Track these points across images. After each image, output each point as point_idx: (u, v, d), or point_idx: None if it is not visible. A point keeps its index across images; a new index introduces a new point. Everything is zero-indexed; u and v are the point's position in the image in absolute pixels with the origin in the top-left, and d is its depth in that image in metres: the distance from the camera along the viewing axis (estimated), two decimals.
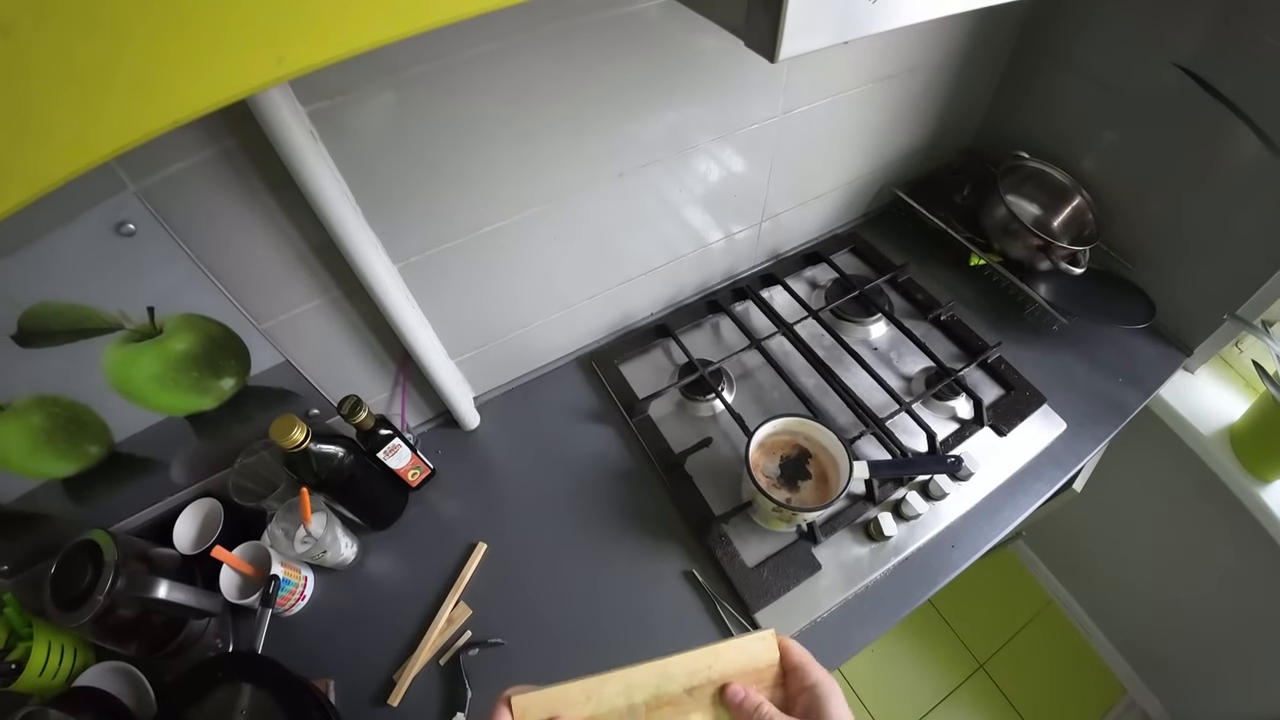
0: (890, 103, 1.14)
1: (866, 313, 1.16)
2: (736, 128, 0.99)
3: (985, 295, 1.22)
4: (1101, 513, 1.55)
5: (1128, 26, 1.05)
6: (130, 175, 0.64)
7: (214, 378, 0.84)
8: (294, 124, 0.64)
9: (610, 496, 1.01)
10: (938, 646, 1.84)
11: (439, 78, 0.70)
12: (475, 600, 0.93)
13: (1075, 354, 1.15)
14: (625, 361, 1.16)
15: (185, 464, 0.93)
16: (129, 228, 0.67)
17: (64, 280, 0.68)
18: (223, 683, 0.82)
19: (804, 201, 1.22)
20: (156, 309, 0.75)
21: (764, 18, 0.40)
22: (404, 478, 0.99)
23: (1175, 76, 0.97)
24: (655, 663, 0.51)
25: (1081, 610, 1.80)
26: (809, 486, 0.91)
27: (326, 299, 0.84)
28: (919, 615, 1.59)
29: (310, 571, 0.96)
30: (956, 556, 0.95)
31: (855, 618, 0.90)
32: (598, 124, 0.86)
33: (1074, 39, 1.13)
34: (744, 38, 0.43)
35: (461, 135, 0.77)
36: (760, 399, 1.09)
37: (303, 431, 0.80)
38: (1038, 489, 1.01)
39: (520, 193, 0.88)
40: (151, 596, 0.81)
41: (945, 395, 1.05)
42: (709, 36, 0.84)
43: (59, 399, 0.77)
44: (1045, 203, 1.23)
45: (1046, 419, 1.06)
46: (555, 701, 0.50)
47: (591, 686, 0.50)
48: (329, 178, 0.69)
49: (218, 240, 0.73)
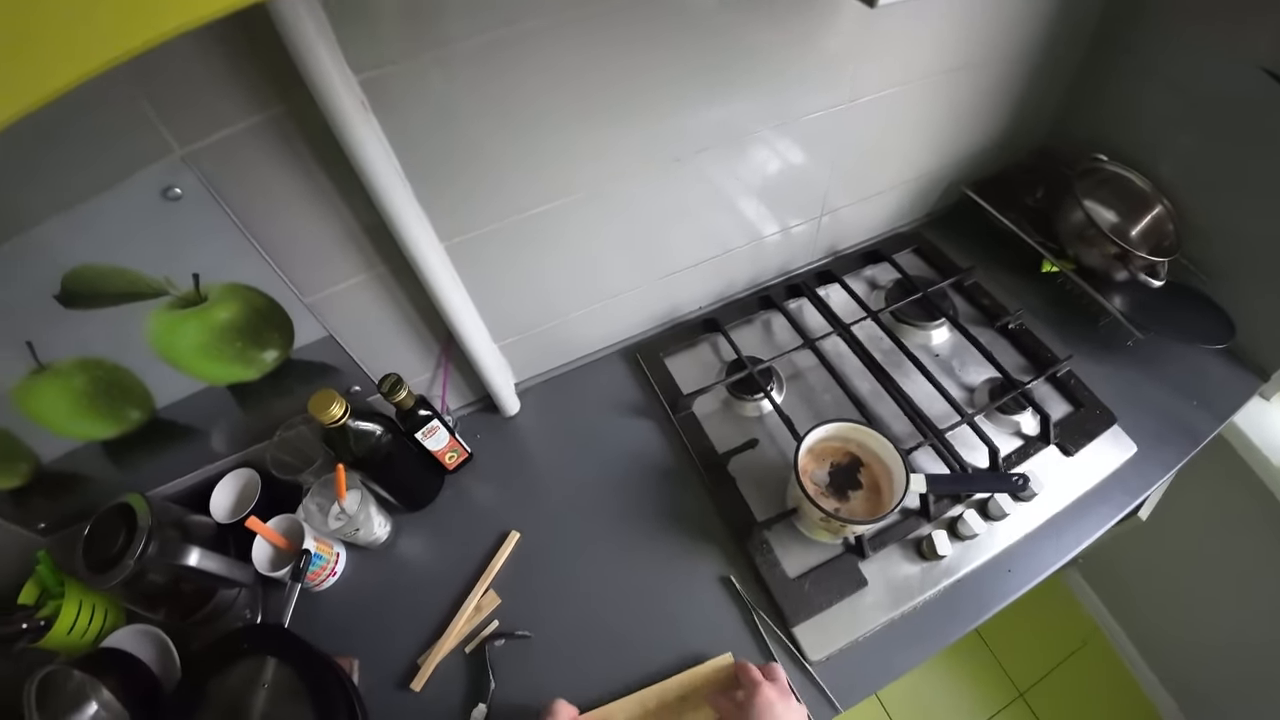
0: (960, 95, 1.08)
1: (929, 317, 1.10)
2: (797, 116, 0.94)
3: (1056, 304, 1.15)
4: (1162, 542, 1.46)
5: (1209, 27, 0.97)
6: (178, 139, 0.62)
7: (257, 349, 0.83)
8: (344, 91, 0.62)
9: (649, 493, 0.98)
10: (977, 671, 1.78)
11: (493, 51, 0.68)
12: (505, 590, 0.91)
13: (1148, 372, 1.07)
14: (670, 355, 1.12)
15: (225, 434, 0.93)
16: (176, 192, 0.66)
17: (110, 243, 0.67)
18: (248, 654, 0.82)
19: (866, 197, 1.16)
20: (202, 277, 0.74)
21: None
22: (441, 460, 0.97)
23: (1259, 81, 0.89)
24: (658, 685, 0.82)
25: (1129, 643, 1.71)
26: (859, 497, 0.86)
27: (372, 275, 0.83)
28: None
29: (342, 548, 0.95)
30: (1012, 582, 0.89)
31: (899, 640, 0.85)
32: (653, 109, 0.82)
33: (1153, 38, 1.05)
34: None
35: (514, 113, 0.74)
36: (811, 401, 1.04)
37: (341, 407, 0.79)
38: (1103, 515, 0.95)
39: (571, 175, 0.85)
40: (182, 564, 0.81)
41: (1010, 409, 0.99)
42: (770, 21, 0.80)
43: (102, 362, 0.77)
44: (1123, 210, 1.15)
45: (1116, 440, 0.99)
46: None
47: (619, 706, 0.81)
48: (379, 149, 0.67)
49: (265, 209, 0.71)
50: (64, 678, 0.81)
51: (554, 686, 0.81)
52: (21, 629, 0.84)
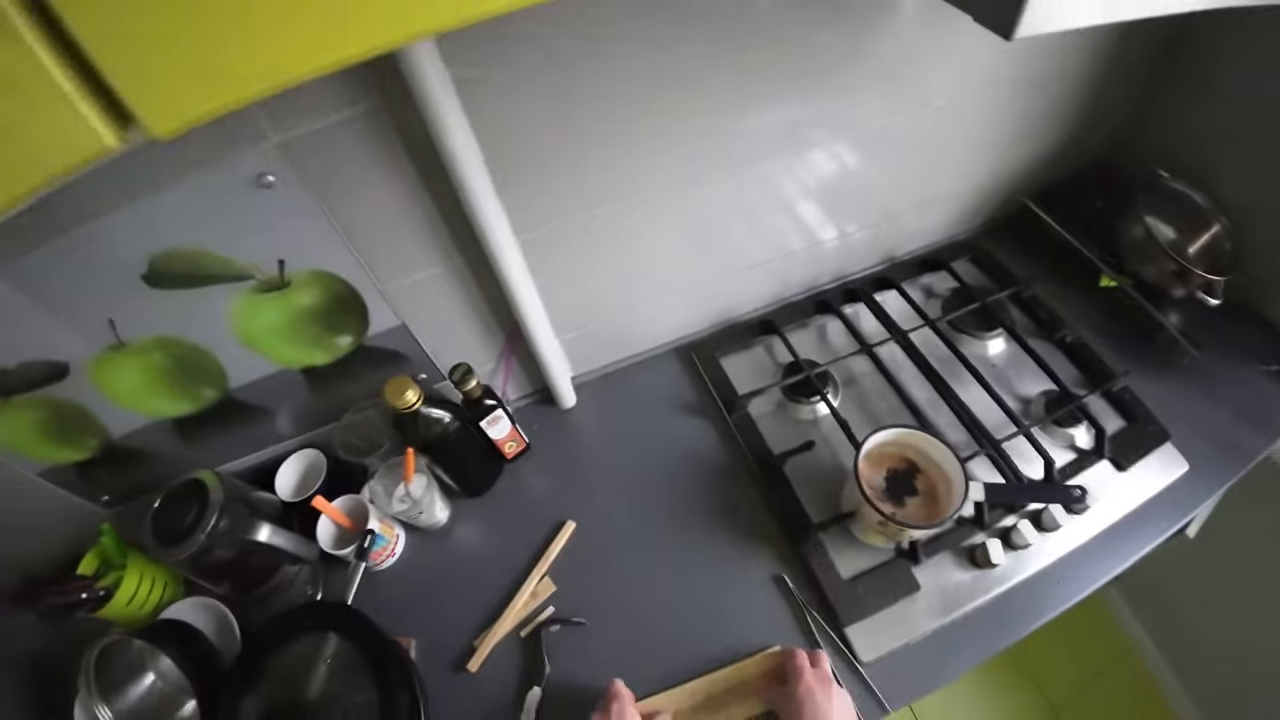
0: (1027, 105, 1.07)
1: (986, 327, 1.10)
2: (865, 122, 0.94)
3: (1112, 319, 1.14)
4: (1205, 563, 1.45)
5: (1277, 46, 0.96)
6: (275, 128, 0.64)
7: (333, 334, 0.85)
8: (439, 87, 0.63)
9: (702, 490, 0.99)
10: (1010, 683, 1.77)
11: (571, 53, 0.69)
12: (559, 578, 0.93)
13: (1202, 390, 1.07)
14: (726, 355, 1.13)
15: (294, 415, 0.95)
16: (269, 180, 0.67)
17: (200, 227, 0.69)
18: (310, 630, 0.84)
19: (926, 204, 1.16)
20: (286, 262, 0.76)
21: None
22: (501, 449, 0.99)
23: None
24: (706, 677, 0.84)
25: (1164, 662, 1.70)
26: (915, 503, 0.87)
27: (448, 266, 0.85)
28: None
29: (402, 530, 0.98)
30: (1061, 593, 0.90)
31: (949, 646, 0.86)
32: (720, 113, 0.83)
33: (1225, 57, 1.04)
34: (973, 11, 0.40)
35: (594, 111, 0.75)
36: (866, 407, 1.05)
37: (416, 394, 0.81)
38: (1152, 531, 0.95)
39: (640, 174, 0.86)
40: (253, 539, 0.83)
41: (1065, 422, 0.99)
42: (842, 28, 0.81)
43: (181, 341, 0.79)
44: (1182, 226, 1.14)
45: (1168, 457, 0.99)
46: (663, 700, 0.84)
47: (669, 697, 0.84)
48: (467, 144, 0.69)
49: (353, 199, 0.73)
50: (123, 648, 0.83)
51: (606, 673, 0.82)
52: (81, 598, 0.86)
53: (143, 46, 0.27)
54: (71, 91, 0.28)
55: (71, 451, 0.86)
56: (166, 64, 0.28)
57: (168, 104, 0.29)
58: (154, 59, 0.28)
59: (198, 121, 0.30)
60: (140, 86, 0.28)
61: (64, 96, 0.28)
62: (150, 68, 0.28)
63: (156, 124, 0.29)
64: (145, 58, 0.28)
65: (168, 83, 0.29)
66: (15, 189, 0.30)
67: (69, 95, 0.28)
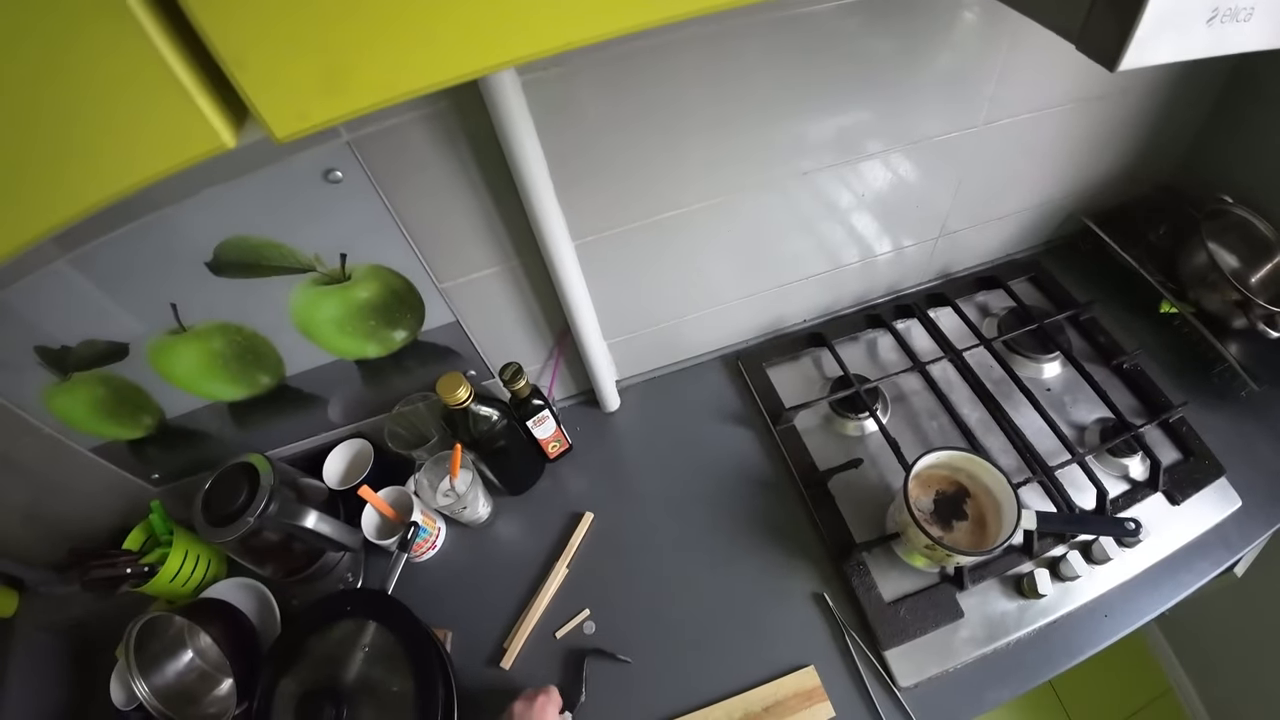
0: (1093, 125, 1.05)
1: (1043, 349, 1.07)
2: (929, 136, 0.93)
3: (1171, 348, 1.11)
4: (1249, 604, 1.40)
5: None
6: (346, 125, 0.65)
7: (388, 328, 0.86)
8: (511, 91, 0.63)
9: (744, 502, 0.99)
10: (1042, 713, 1.73)
11: (633, 62, 0.69)
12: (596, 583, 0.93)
13: (1258, 424, 1.03)
14: (773, 366, 1.12)
15: (344, 404, 0.96)
16: (337, 175, 0.68)
17: (268, 217, 0.70)
18: (350, 616, 0.85)
19: (985, 221, 1.14)
20: (348, 257, 0.76)
21: (1110, 19, 0.36)
22: (544, 448, 0.99)
23: None
24: (742, 696, 0.84)
25: (1201, 707, 1.65)
26: (963, 528, 0.86)
27: (505, 267, 0.85)
28: None
29: (444, 524, 0.98)
30: (1108, 628, 0.88)
31: (991, 675, 0.84)
32: (784, 122, 0.83)
33: None
34: (1076, 40, 0.39)
35: (655, 118, 0.75)
36: (916, 426, 1.03)
37: (467, 391, 0.81)
38: (1202, 568, 0.92)
39: (698, 183, 0.86)
40: (300, 525, 0.84)
41: (1120, 451, 0.96)
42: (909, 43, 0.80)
43: (242, 328, 0.81)
44: (1245, 255, 1.10)
45: (1222, 493, 0.96)
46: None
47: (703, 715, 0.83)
48: (532, 148, 0.69)
49: (417, 198, 0.74)
50: (164, 624, 0.85)
51: (639, 693, 0.84)
52: (126, 573, 0.89)
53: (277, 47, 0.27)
54: (190, 85, 0.28)
55: (126, 429, 0.88)
56: (297, 67, 0.28)
57: (292, 107, 0.29)
58: (285, 61, 0.28)
59: (319, 127, 0.30)
60: (267, 87, 0.28)
61: (182, 90, 0.28)
62: (280, 69, 0.28)
63: (279, 126, 0.30)
64: (277, 58, 0.28)
65: (295, 86, 0.29)
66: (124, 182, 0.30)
67: (187, 89, 0.28)
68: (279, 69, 0.28)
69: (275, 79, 0.28)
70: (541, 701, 0.77)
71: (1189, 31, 0.38)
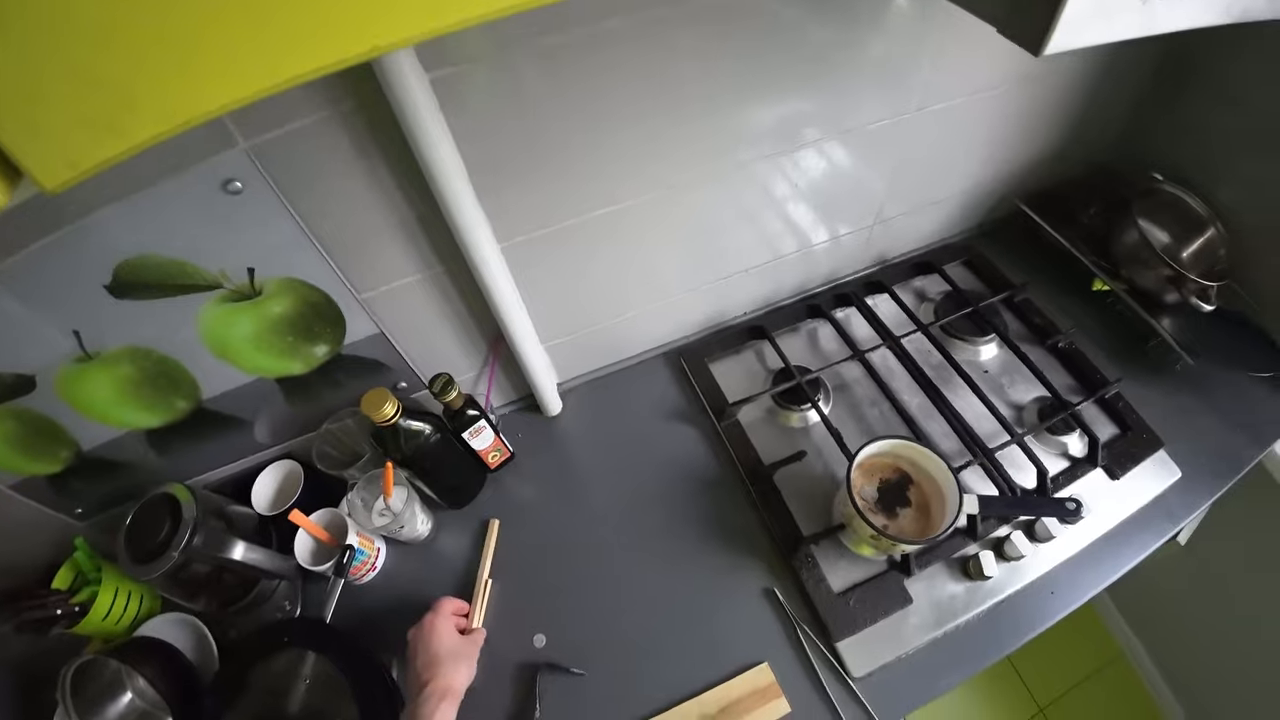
0: (1027, 106, 1.05)
1: (979, 332, 1.08)
2: (863, 124, 0.92)
3: (1105, 325, 1.13)
4: (1195, 570, 1.45)
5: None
6: (242, 132, 0.61)
7: (308, 343, 0.83)
8: (417, 89, 0.60)
9: (690, 501, 0.97)
10: (997, 683, 1.76)
11: (558, 53, 0.66)
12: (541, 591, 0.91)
13: (1194, 397, 1.05)
14: (715, 361, 1.11)
15: (270, 425, 0.92)
16: (236, 185, 0.65)
17: (165, 234, 0.67)
18: (289, 647, 0.82)
19: (920, 207, 1.14)
20: (257, 270, 0.73)
21: (1038, 4, 0.36)
22: (484, 459, 0.97)
23: None
24: (697, 699, 0.82)
25: (1153, 667, 1.70)
26: (908, 516, 0.85)
27: (428, 274, 0.82)
28: None
29: (383, 543, 0.95)
30: (1055, 604, 0.89)
31: (942, 659, 0.85)
32: (714, 114, 0.81)
33: (1228, 62, 1.02)
34: (1002, 26, 0.38)
35: (578, 114, 0.73)
36: (859, 415, 1.03)
37: (394, 406, 0.78)
38: (1145, 540, 0.94)
39: (632, 178, 0.84)
40: (228, 557, 0.81)
41: (1059, 430, 0.97)
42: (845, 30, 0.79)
43: (150, 352, 0.77)
44: (1177, 232, 1.13)
45: (1161, 465, 0.97)
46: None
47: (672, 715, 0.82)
48: (447, 149, 0.66)
49: (325, 205, 0.71)
50: (100, 666, 0.82)
51: (594, 705, 0.82)
52: (56, 614, 0.84)
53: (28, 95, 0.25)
54: None
55: (44, 464, 0.83)
56: (60, 111, 0.26)
57: (60, 155, 0.27)
58: (44, 107, 0.26)
59: (92, 171, 0.27)
60: (29, 139, 0.26)
61: None
62: (39, 117, 0.26)
63: (46, 177, 0.27)
64: (25, 109, 0.25)
65: (58, 131, 0.26)
66: None
67: None
68: (38, 117, 0.26)
69: (35, 129, 0.26)
70: (429, 620, 0.78)
71: (1119, 12, 0.37)
